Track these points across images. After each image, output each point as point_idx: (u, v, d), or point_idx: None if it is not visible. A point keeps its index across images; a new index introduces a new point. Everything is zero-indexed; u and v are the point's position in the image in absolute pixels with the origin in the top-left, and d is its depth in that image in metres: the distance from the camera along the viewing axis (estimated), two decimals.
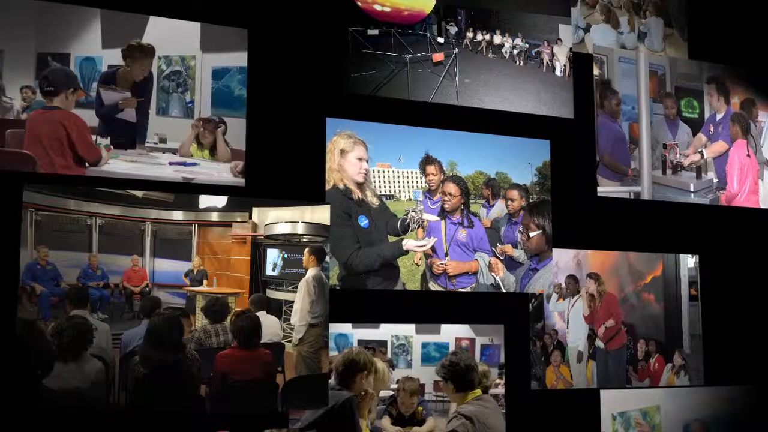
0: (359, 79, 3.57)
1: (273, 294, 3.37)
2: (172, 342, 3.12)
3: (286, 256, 3.39)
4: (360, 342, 3.41)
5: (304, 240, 3.41)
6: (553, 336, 3.79)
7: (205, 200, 3.27)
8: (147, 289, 3.20)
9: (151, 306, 3.16)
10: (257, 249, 3.36)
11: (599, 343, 3.87)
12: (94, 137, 3.15)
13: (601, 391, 3.84)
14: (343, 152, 3.45)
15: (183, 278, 3.29)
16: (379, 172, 3.60)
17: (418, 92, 3.68)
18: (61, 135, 3.09)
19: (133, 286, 3.20)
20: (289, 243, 3.40)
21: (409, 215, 3.57)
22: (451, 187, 3.68)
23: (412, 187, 3.63)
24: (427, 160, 3.66)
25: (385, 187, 3.59)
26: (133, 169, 3.17)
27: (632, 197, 4.07)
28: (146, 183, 3.18)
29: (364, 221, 3.48)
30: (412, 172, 3.64)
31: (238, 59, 3.37)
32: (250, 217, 3.34)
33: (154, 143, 3.25)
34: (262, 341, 3.26)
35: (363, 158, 3.48)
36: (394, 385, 3.44)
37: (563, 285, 3.84)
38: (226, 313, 3.25)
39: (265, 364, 3.26)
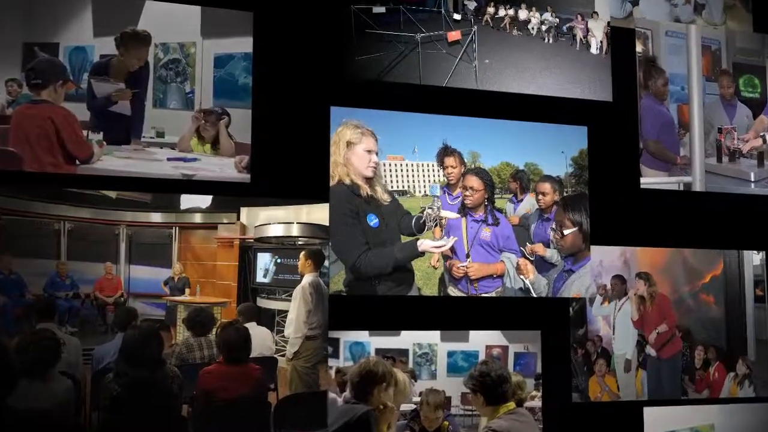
0: (364, 62, 3.41)
1: (264, 303, 3.28)
2: (150, 357, 3.01)
3: (279, 260, 3.32)
4: (378, 351, 3.31)
5: (300, 243, 3.31)
6: (597, 343, 3.65)
7: (187, 200, 3.16)
8: (122, 299, 3.13)
9: (127, 318, 3.07)
10: (246, 253, 3.28)
11: (650, 351, 3.72)
12: (85, 132, 3.09)
13: (645, 408, 3.67)
14: (349, 144, 3.30)
15: (162, 287, 3.21)
16: (390, 165, 3.46)
17: (431, 76, 3.52)
18: (49, 131, 3.02)
19: (106, 296, 3.12)
20: (282, 246, 3.32)
21: (425, 212, 3.41)
22: (473, 181, 3.51)
23: (429, 181, 3.49)
24: (445, 151, 3.51)
25: (397, 181, 3.46)
26: (128, 166, 3.11)
27: (681, 188, 3.89)
28: (142, 181, 3.11)
29: (373, 220, 3.33)
30: (428, 165, 3.50)
31: (243, 45, 3.28)
32: (238, 218, 3.25)
33: (151, 138, 3.20)
34: (251, 356, 3.15)
35: (372, 150, 3.33)
36: (417, 398, 3.32)
37: (608, 286, 3.68)
38: (210, 324, 3.16)
39: (255, 381, 3.15)
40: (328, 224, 3.28)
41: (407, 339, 3.38)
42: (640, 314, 3.72)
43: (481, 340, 3.47)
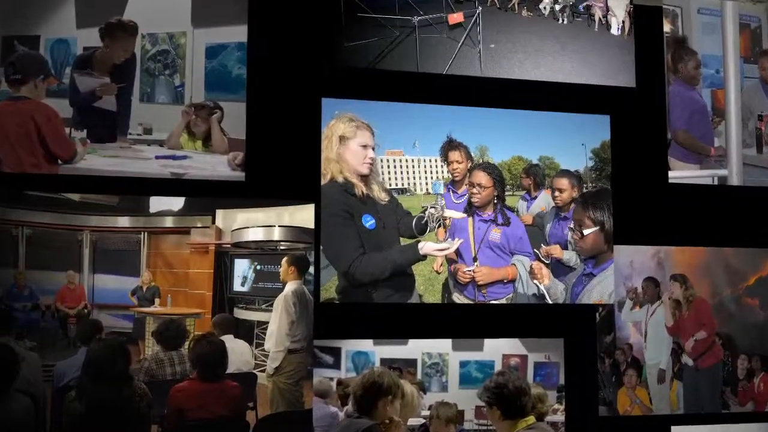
0: (355, 49, 3.30)
1: (242, 314, 3.21)
2: (116, 373, 2.93)
3: (258, 267, 3.26)
4: (383, 361, 3.24)
5: (282, 248, 3.25)
6: (626, 351, 3.55)
7: (156, 202, 3.10)
8: (85, 310, 3.08)
9: (91, 331, 3.02)
10: (222, 260, 3.24)
11: (687, 360, 3.60)
12: (67, 130, 3.07)
13: (673, 428, 3.56)
14: (342, 139, 3.20)
15: (130, 297, 3.15)
16: (388, 161, 3.38)
17: (429, 63, 3.41)
18: (30, 129, 2.99)
19: (68, 307, 3.06)
20: (262, 252, 3.27)
21: (427, 212, 3.31)
22: (481, 177, 3.40)
23: (431, 178, 3.41)
24: (449, 145, 3.41)
25: (396, 179, 3.39)
26: (114, 165, 3.07)
27: (716, 183, 3.75)
28: (129, 181, 3.07)
29: (369, 221, 3.21)
30: (430, 160, 3.41)
31: (237, 34, 3.23)
32: (214, 222, 3.19)
33: (138, 135, 3.16)
34: (228, 371, 3.08)
35: (368, 145, 3.22)
36: (426, 412, 3.26)
37: (640, 289, 3.58)
38: (183, 338, 3.11)
39: (232, 398, 3.08)
40: (312, 227, 3.20)
41: (415, 348, 3.32)
42: (676, 320, 3.61)
43: (497, 349, 3.39)
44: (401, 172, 3.40)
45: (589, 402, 3.48)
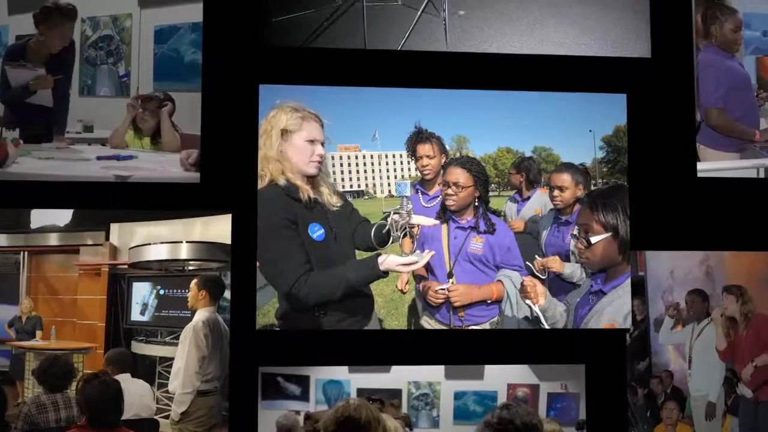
0: (286, 24, 3.11)
1: (141, 348, 3.08)
2: None
3: (162, 292, 3.13)
4: (361, 391, 3.08)
5: (191, 268, 3.13)
6: (665, 380, 3.31)
7: (39, 216, 3.02)
8: None
9: None
10: (118, 284, 3.12)
11: (744, 390, 3.32)
12: None
13: None
14: (285, 133, 2.94)
15: (6, 329, 3.06)
16: (341, 158, 3.24)
17: (379, 37, 3.17)
18: None
19: None
20: (167, 273, 3.13)
21: (389, 219, 3.04)
22: (458, 175, 3.15)
23: (395, 177, 3.26)
24: (418, 137, 3.19)
25: (351, 179, 3.25)
26: (49, 168, 2.99)
27: (763, 176, 3.40)
28: (67, 186, 2.97)
29: (317, 231, 2.93)
30: (394, 156, 3.24)
31: (190, 13, 3.11)
32: (107, 238, 3.08)
33: (77, 133, 3.10)
34: (124, 417, 2.88)
35: (316, 140, 2.97)
36: None
37: (683, 305, 3.33)
38: (69, 377, 2.95)
39: None
40: (229, 242, 3.03)
41: (400, 376, 3.14)
42: (730, 341, 3.35)
43: (500, 377, 3.20)
44: (357, 172, 3.28)
45: None
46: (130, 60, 3.13)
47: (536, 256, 3.25)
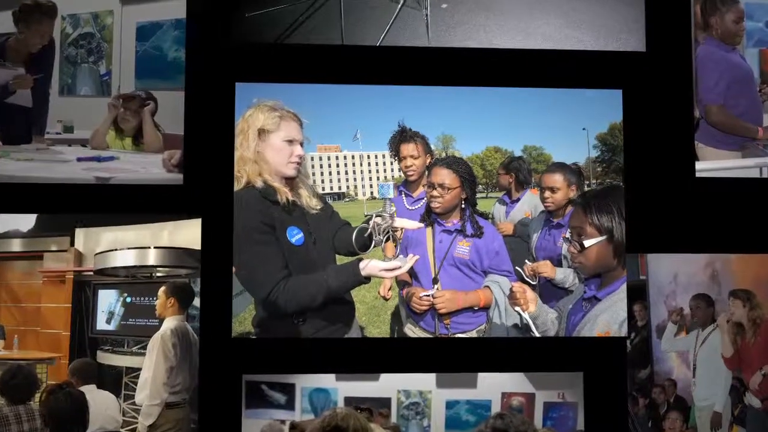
0: (258, 20, 3.07)
1: (107, 359, 3.04)
2: None
3: (129, 300, 3.10)
4: (349, 400, 3.05)
5: (159, 275, 3.08)
6: (668, 389, 3.28)
7: (1, 222, 2.98)
8: None
9: None
10: (83, 291, 3.08)
11: (752, 400, 3.28)
12: None
13: None
14: (262, 133, 2.88)
15: None
16: (321, 159, 3.21)
17: (357, 32, 3.12)
18: None
19: None
20: (134, 280, 3.10)
21: (371, 222, 3.00)
22: (444, 176, 3.09)
23: (378, 178, 3.23)
24: (402, 136, 3.14)
25: (331, 181, 3.22)
26: (29, 170, 2.98)
27: (766, 175, 3.33)
28: (46, 188, 2.96)
29: (296, 235, 2.87)
30: (376, 156, 3.22)
31: (173, 9, 3.09)
32: (72, 244, 3.05)
33: (57, 133, 3.09)
34: (89, 430, 2.87)
35: (295, 140, 2.91)
36: None
37: (687, 310, 3.30)
38: (32, 388, 2.92)
39: None
40: (199, 248, 2.99)
41: (389, 384, 3.10)
42: (737, 349, 3.31)
43: (494, 386, 3.17)
44: (338, 173, 3.25)
45: None
46: (111, 58, 3.12)
47: (526, 261, 3.20)
